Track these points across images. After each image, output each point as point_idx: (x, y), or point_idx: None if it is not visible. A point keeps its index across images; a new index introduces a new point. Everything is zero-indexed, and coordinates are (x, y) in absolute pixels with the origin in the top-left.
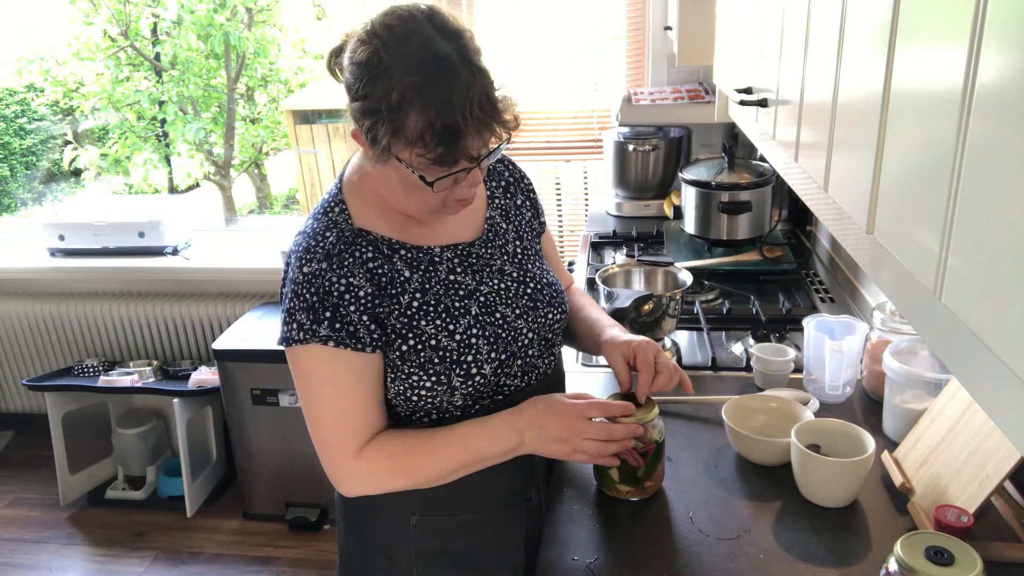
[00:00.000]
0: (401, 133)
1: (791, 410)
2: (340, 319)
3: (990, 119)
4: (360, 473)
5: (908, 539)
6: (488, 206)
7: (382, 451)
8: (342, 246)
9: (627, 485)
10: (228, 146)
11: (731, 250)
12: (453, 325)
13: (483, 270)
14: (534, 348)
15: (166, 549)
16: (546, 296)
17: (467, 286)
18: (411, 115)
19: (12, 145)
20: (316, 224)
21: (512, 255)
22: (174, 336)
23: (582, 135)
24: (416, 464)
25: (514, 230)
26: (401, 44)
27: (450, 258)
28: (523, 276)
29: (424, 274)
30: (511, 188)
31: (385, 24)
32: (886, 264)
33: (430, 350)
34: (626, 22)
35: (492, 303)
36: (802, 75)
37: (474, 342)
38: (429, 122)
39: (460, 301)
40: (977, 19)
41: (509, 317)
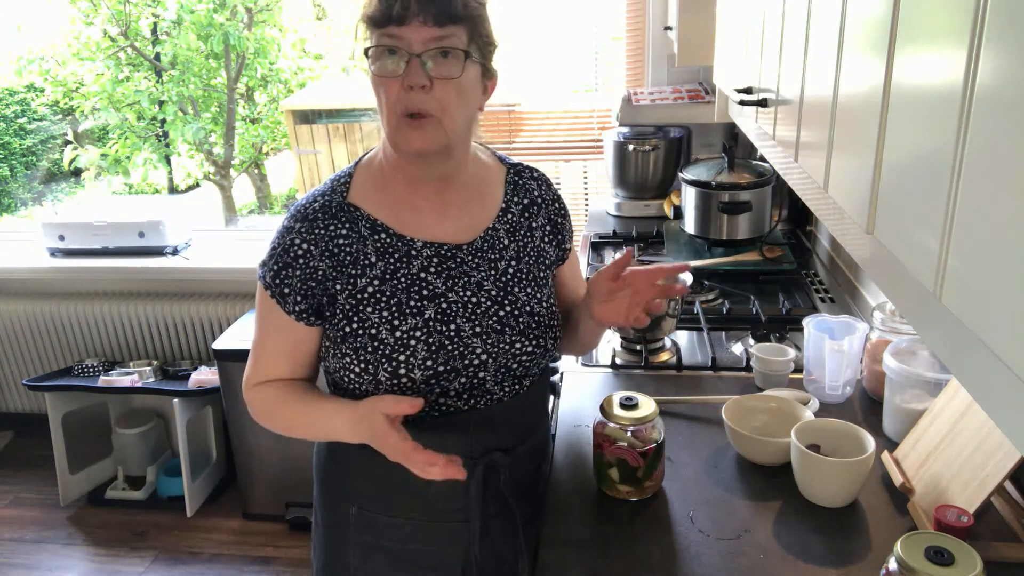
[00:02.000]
0: (360, 16)
1: (791, 410)
2: (282, 277)
3: (990, 119)
4: (249, 401)
5: (908, 539)
6: (496, 218)
7: (264, 394)
8: (320, 214)
9: (627, 485)
10: (228, 146)
11: (731, 250)
12: (398, 321)
13: (460, 278)
14: (487, 371)
15: (166, 549)
16: (521, 324)
17: (433, 288)
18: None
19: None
20: (319, 188)
21: (501, 273)
22: (174, 336)
23: (582, 135)
24: (280, 419)
25: (515, 250)
26: None
27: (428, 255)
28: (501, 297)
29: (392, 264)
30: (533, 208)
31: None
32: (886, 264)
33: (367, 338)
34: (626, 22)
35: (452, 313)
36: (802, 75)
37: (413, 344)
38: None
39: (418, 301)
40: (977, 19)
41: (465, 332)
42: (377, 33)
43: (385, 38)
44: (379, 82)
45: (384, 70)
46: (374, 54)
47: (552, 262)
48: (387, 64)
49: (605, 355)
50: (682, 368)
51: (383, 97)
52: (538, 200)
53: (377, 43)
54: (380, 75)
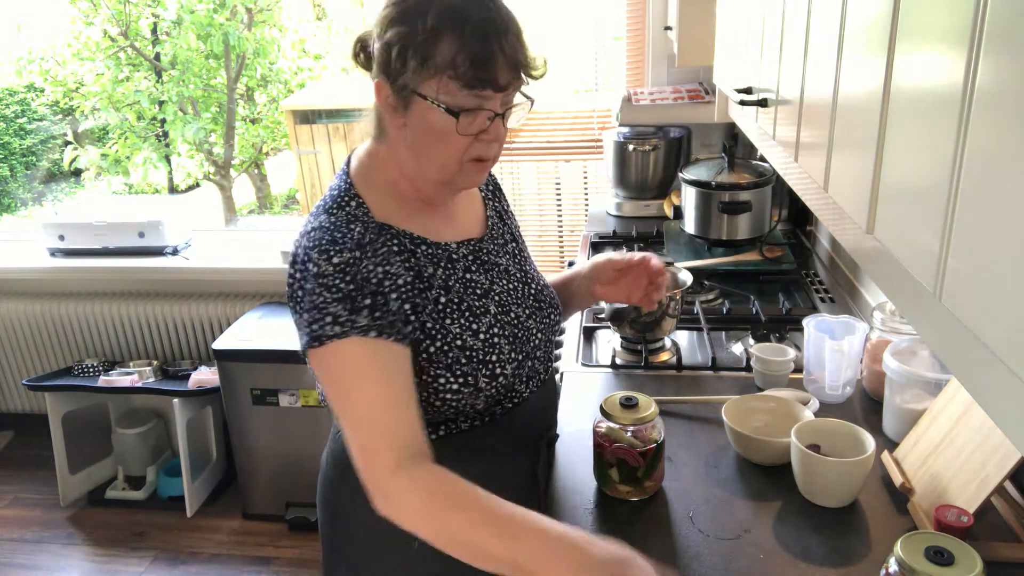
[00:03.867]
0: (431, 60)
1: (791, 410)
2: (380, 307)
3: (990, 119)
4: (397, 497)
5: (908, 539)
6: (485, 208)
7: (423, 490)
8: (372, 235)
9: (627, 485)
10: (228, 146)
11: (731, 250)
12: (476, 324)
13: (492, 269)
14: (541, 350)
15: (166, 549)
16: (547, 297)
17: (483, 285)
18: (444, 39)
19: (12, 145)
20: (333, 219)
21: (512, 254)
22: (174, 336)
23: (582, 135)
24: (449, 527)
25: (509, 231)
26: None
27: (465, 255)
28: (524, 276)
29: (445, 271)
30: (497, 193)
31: None
32: (886, 264)
33: (457, 350)
34: (626, 22)
35: (506, 302)
36: (802, 75)
37: (497, 341)
38: (462, 44)
39: (479, 300)
40: (977, 19)
41: (522, 317)
42: (465, 93)
43: (475, 99)
44: (450, 135)
45: (470, 128)
46: (463, 115)
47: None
48: (474, 123)
49: (605, 355)
50: (682, 368)
51: (451, 147)
52: (491, 185)
53: (468, 105)
54: (466, 134)
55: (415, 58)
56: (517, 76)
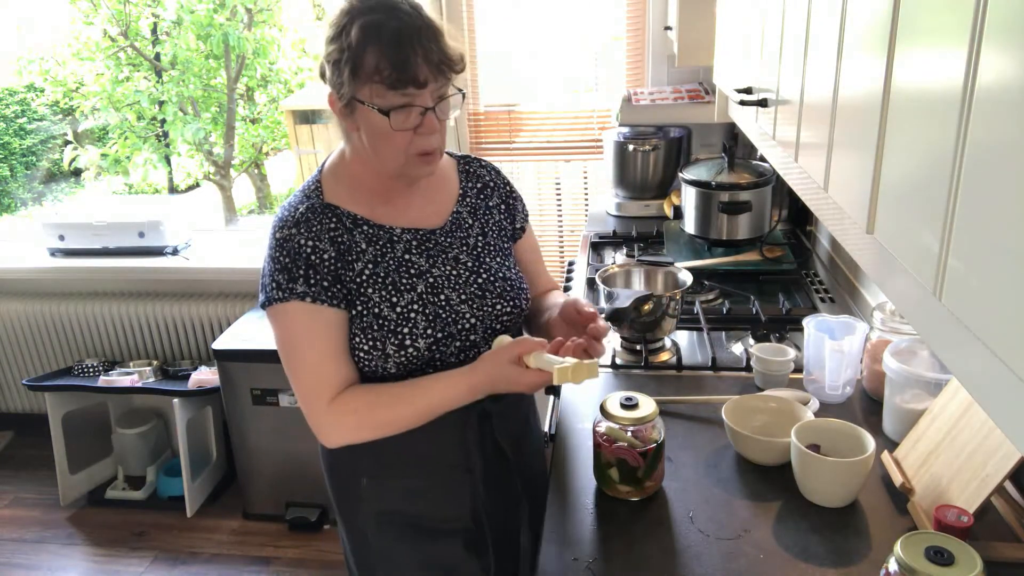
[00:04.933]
0: (360, 70)
1: (791, 410)
2: (313, 277)
3: (990, 119)
4: (331, 423)
5: (908, 539)
6: (458, 202)
7: (347, 406)
8: (310, 215)
9: (627, 485)
10: (228, 146)
11: (731, 250)
12: (396, 298)
13: (439, 256)
14: (476, 334)
15: (166, 549)
16: (497, 288)
17: (419, 266)
18: (368, 50)
19: (12, 145)
20: (293, 199)
21: (472, 247)
22: (174, 336)
23: (582, 135)
24: (379, 418)
25: (479, 226)
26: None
27: (408, 240)
28: (477, 267)
29: (380, 249)
30: (487, 190)
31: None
32: (886, 264)
33: (372, 317)
34: (626, 22)
35: (439, 286)
36: (802, 75)
37: (413, 316)
38: (382, 52)
39: (409, 279)
40: (977, 19)
41: (454, 301)
42: (392, 93)
43: (401, 97)
44: (390, 133)
45: (404, 124)
46: (393, 112)
47: (510, 236)
48: (406, 118)
49: (605, 355)
50: (682, 368)
51: (393, 143)
52: (490, 184)
53: (397, 103)
54: (401, 129)
55: (348, 70)
56: (438, 73)
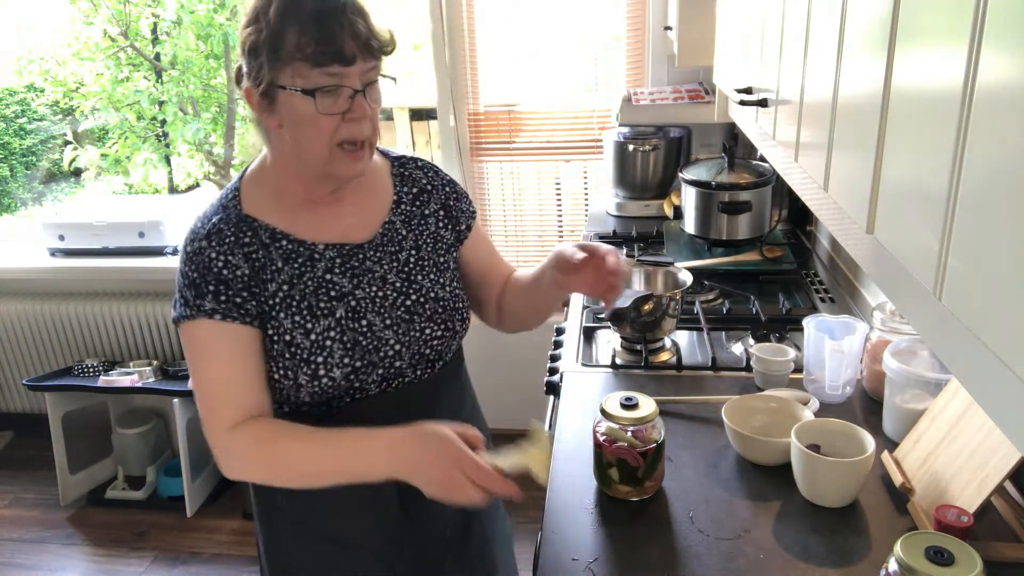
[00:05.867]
0: (280, 50)
1: (791, 410)
2: (223, 293)
3: (990, 119)
4: (231, 449)
5: (908, 539)
6: (390, 211)
7: (251, 435)
8: (223, 226)
9: (627, 485)
10: (228, 146)
11: (731, 250)
12: (311, 324)
13: (364, 275)
14: (402, 360)
15: (166, 549)
16: (427, 310)
17: (341, 288)
18: (288, 28)
19: (12, 145)
20: (208, 209)
21: (403, 263)
22: (174, 336)
23: (582, 135)
24: (279, 456)
25: (413, 239)
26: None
27: (332, 257)
28: (406, 287)
29: (298, 268)
30: (424, 196)
31: None
32: (886, 264)
33: (283, 344)
34: (626, 22)
35: (362, 309)
36: (802, 75)
37: (328, 344)
38: (304, 27)
39: (328, 302)
40: (977, 19)
41: (376, 326)
42: (317, 72)
43: (327, 77)
44: (315, 118)
45: (332, 108)
46: (319, 93)
47: (450, 245)
48: (333, 102)
49: (605, 355)
50: (682, 368)
51: (318, 131)
52: (427, 188)
53: (322, 83)
54: (328, 113)
55: (267, 52)
56: (364, 49)
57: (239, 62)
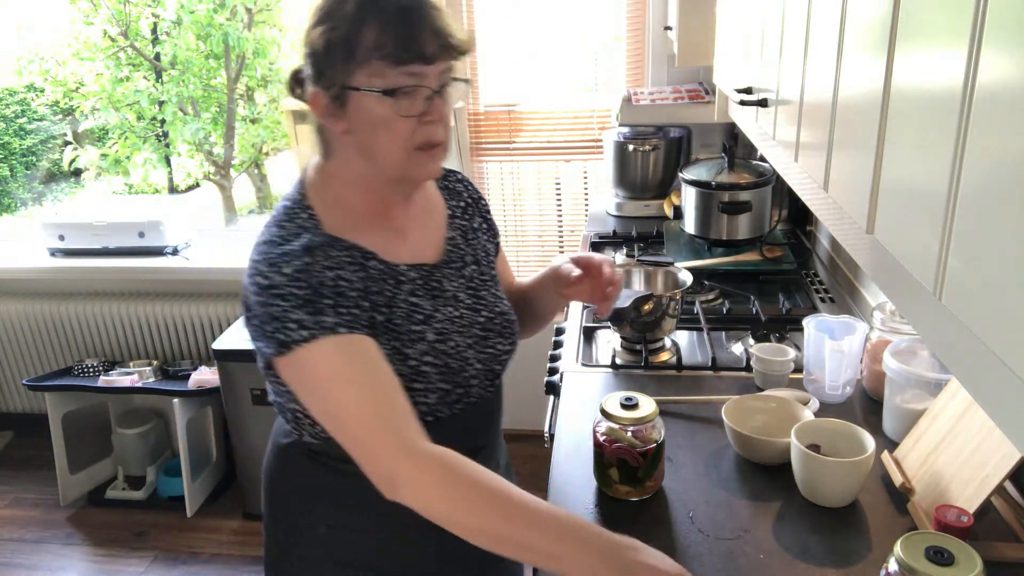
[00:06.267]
0: (357, 49)
1: (791, 410)
2: (342, 305)
3: (990, 119)
4: (418, 470)
5: (908, 539)
6: (448, 226)
7: (447, 459)
8: (319, 242)
9: (627, 485)
10: (228, 146)
11: (731, 250)
12: (408, 349)
13: (440, 295)
14: (477, 380)
15: (166, 549)
16: (497, 325)
17: (425, 310)
18: (366, 24)
19: (12, 145)
20: (281, 231)
21: (468, 280)
22: (174, 336)
23: (582, 135)
24: (480, 494)
25: (471, 253)
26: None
27: (414, 278)
28: (476, 304)
29: (389, 291)
30: (470, 209)
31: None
32: (886, 264)
33: None
34: (626, 22)
35: (447, 331)
36: (802, 75)
37: (425, 370)
38: (384, 24)
39: (418, 325)
40: (977, 19)
41: (461, 347)
42: (396, 72)
43: (407, 77)
44: (391, 121)
45: (410, 109)
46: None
47: (493, 258)
48: (411, 103)
49: (605, 355)
50: (682, 368)
51: (395, 134)
52: (469, 200)
53: (401, 83)
54: (407, 115)
55: (341, 51)
56: (444, 48)
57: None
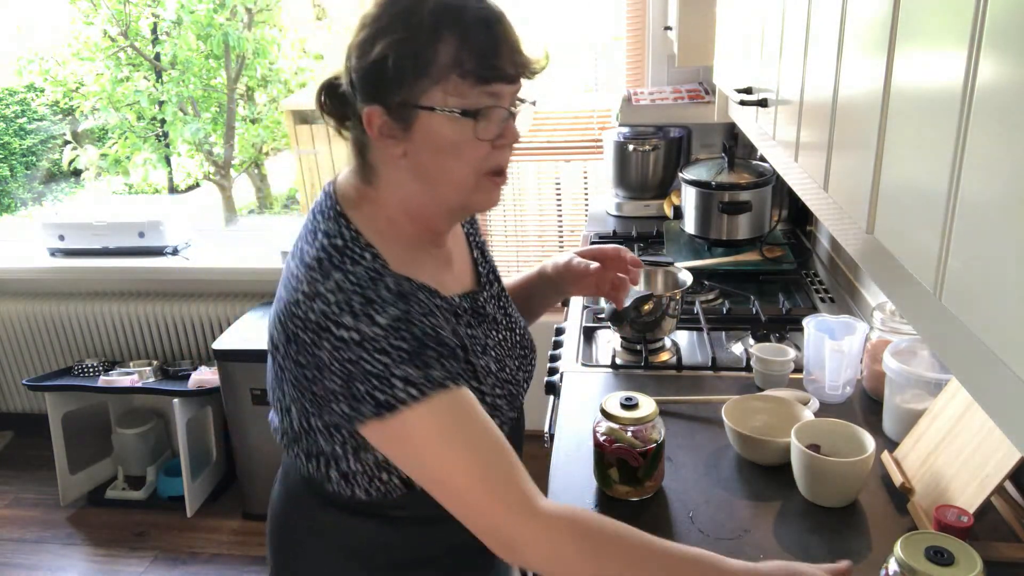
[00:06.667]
0: (433, 64)
1: (791, 410)
2: (446, 358)
3: (990, 119)
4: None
5: (908, 539)
6: (469, 249)
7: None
8: (406, 286)
9: (627, 485)
10: (228, 146)
11: (731, 250)
12: (484, 387)
13: (484, 322)
14: (520, 400)
15: (166, 549)
16: (528, 340)
17: (481, 341)
18: (444, 37)
19: (12, 145)
20: (352, 276)
21: (498, 299)
22: (174, 336)
23: (582, 135)
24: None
25: (493, 272)
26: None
27: (467, 309)
28: (510, 323)
29: (453, 327)
30: (475, 225)
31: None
32: (886, 264)
33: None
34: (626, 22)
35: (501, 357)
36: (802, 75)
37: (500, 404)
38: (465, 38)
39: (481, 358)
40: (977, 19)
41: (513, 369)
42: (477, 91)
43: (487, 97)
44: (463, 144)
45: (487, 132)
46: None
47: None
48: (490, 126)
49: (605, 355)
50: (682, 368)
51: (466, 159)
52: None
53: (483, 104)
54: (483, 138)
55: (414, 65)
56: (525, 66)
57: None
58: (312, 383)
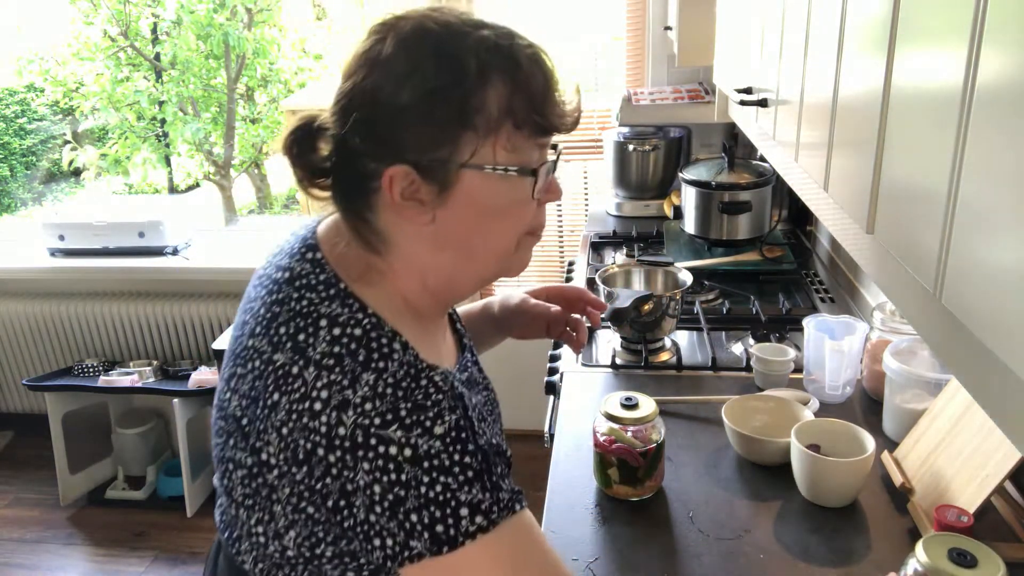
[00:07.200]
0: (478, 115)
1: (791, 410)
2: (507, 464)
3: (990, 119)
4: None
5: (930, 540)
6: None
7: None
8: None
9: (627, 485)
10: (228, 146)
11: (731, 250)
12: None
13: (473, 385)
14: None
15: (166, 549)
16: (495, 394)
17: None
18: (492, 82)
19: (12, 145)
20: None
21: (472, 355)
22: (174, 336)
23: (582, 135)
24: None
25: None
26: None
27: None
28: (485, 379)
29: None
30: None
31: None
32: (886, 264)
33: None
34: (626, 22)
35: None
36: (802, 75)
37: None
38: (517, 84)
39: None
40: (977, 19)
41: (496, 429)
42: (531, 144)
43: (539, 149)
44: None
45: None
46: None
47: None
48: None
49: (605, 355)
50: (682, 368)
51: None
52: None
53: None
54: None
55: (458, 116)
56: (572, 112)
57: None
58: (335, 512)
